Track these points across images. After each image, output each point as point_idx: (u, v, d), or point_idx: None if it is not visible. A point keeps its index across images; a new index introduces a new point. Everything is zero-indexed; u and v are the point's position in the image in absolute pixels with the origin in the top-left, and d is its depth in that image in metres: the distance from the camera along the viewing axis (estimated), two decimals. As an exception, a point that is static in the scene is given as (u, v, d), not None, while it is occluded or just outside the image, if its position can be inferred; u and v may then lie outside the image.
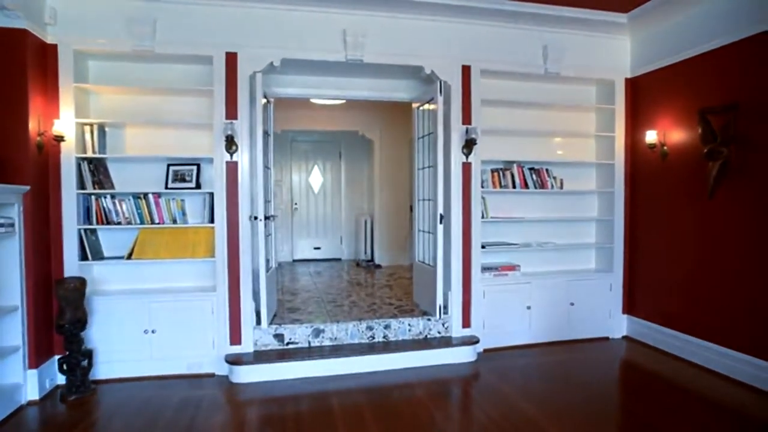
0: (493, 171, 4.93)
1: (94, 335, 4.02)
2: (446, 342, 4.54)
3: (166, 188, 4.31)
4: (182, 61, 4.29)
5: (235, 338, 4.24)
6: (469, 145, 4.58)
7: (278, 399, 3.74)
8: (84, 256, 4.08)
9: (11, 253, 3.55)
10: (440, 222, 4.54)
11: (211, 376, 4.17)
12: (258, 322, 4.27)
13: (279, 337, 4.34)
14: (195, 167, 4.38)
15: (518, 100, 4.94)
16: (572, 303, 5.00)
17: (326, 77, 4.84)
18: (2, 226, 3.43)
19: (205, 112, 4.26)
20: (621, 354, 4.78)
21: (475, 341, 4.57)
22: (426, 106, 4.93)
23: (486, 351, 4.70)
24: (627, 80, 5.05)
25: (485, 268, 4.81)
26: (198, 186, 4.36)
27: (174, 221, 4.30)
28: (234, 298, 4.25)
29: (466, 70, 4.62)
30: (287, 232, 9.18)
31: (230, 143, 4.12)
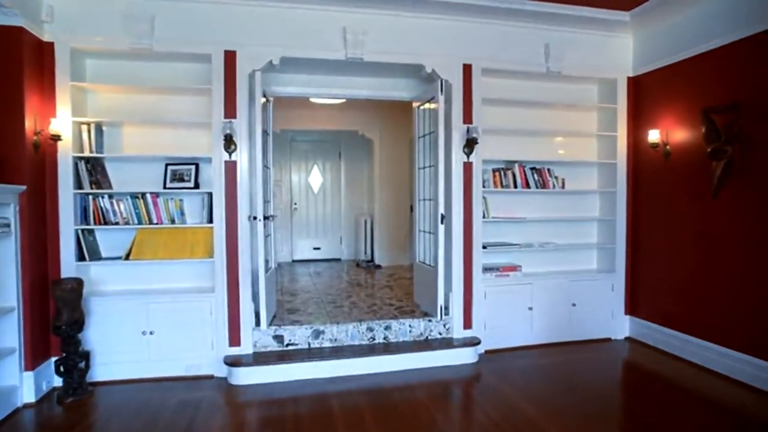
0: (495, 171, 4.90)
1: (92, 337, 3.99)
2: (447, 343, 4.51)
3: (165, 188, 4.28)
4: (181, 60, 4.26)
5: (234, 340, 4.21)
6: (470, 145, 4.54)
7: (278, 401, 3.71)
8: (81, 257, 4.05)
9: (7, 254, 3.53)
10: (441, 222, 4.51)
11: (210, 378, 4.14)
12: (257, 324, 4.24)
13: (278, 339, 4.30)
14: (193, 167, 4.35)
15: (520, 99, 4.91)
16: (574, 304, 4.96)
17: (326, 76, 4.80)
18: (-2, 227, 3.40)
19: (204, 111, 4.23)
20: (623, 355, 4.75)
21: (477, 342, 4.54)
22: (426, 105, 4.89)
23: (487, 352, 4.67)
24: (629, 79, 5.01)
25: (486, 269, 4.78)
26: (196, 186, 4.33)
27: (172, 221, 4.27)
28: (233, 299, 4.22)
29: (467, 69, 4.58)
30: (287, 233, 9.14)
31: (229, 142, 4.09)
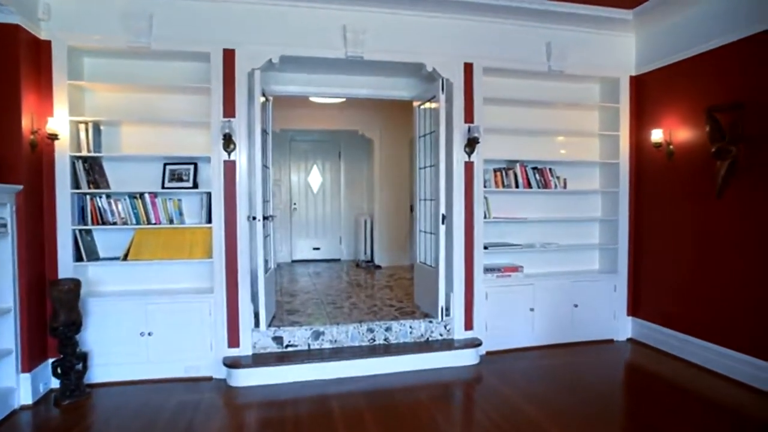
0: (496, 170, 4.86)
1: (89, 338, 3.96)
2: (448, 345, 4.47)
3: (163, 188, 4.24)
4: (179, 58, 4.23)
5: (233, 341, 4.17)
6: (472, 144, 4.51)
7: (277, 403, 3.68)
8: (79, 257, 4.02)
9: (4, 254, 3.50)
10: (442, 222, 4.47)
11: (209, 380, 4.11)
12: (256, 325, 4.21)
13: (278, 340, 4.27)
14: (192, 166, 4.31)
15: (521, 99, 4.88)
16: (576, 305, 4.93)
17: (326, 75, 4.76)
18: (-6, 227, 3.37)
19: (203, 110, 4.19)
20: (625, 356, 4.72)
21: (478, 344, 4.50)
22: (427, 105, 4.86)
23: (488, 353, 4.63)
24: (632, 78, 4.98)
25: (488, 269, 4.75)
26: (195, 185, 4.30)
27: (171, 221, 4.24)
28: (232, 300, 4.18)
29: (469, 68, 4.55)
30: (286, 233, 9.10)
31: (228, 142, 4.06)
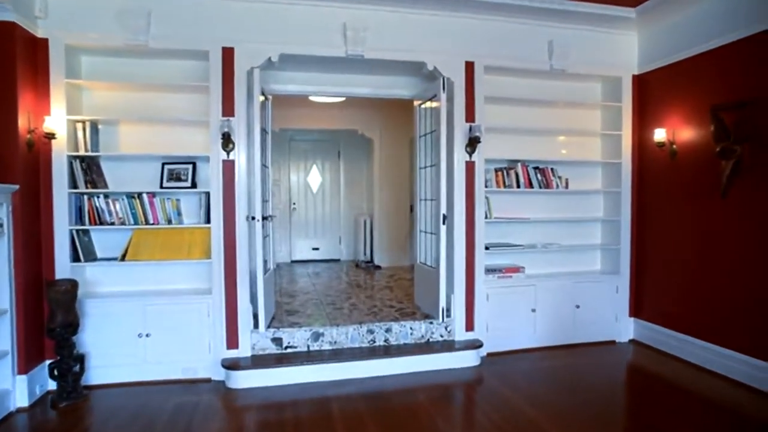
0: (497, 170, 4.82)
1: (87, 339, 3.92)
2: (449, 346, 4.43)
3: (161, 187, 4.20)
4: (177, 57, 4.19)
5: (232, 342, 4.14)
6: (473, 144, 4.47)
7: (276, 405, 3.65)
8: (76, 258, 3.98)
9: (0, 254, 3.45)
10: (443, 222, 4.43)
11: (208, 382, 4.07)
12: (255, 326, 4.17)
13: (277, 341, 4.23)
14: (190, 166, 4.27)
15: (523, 98, 4.84)
16: (578, 306, 4.89)
17: (326, 74, 4.72)
18: (-10, 227, 3.33)
19: (202, 109, 4.15)
20: (627, 358, 4.69)
21: (479, 345, 4.46)
22: (428, 104, 4.82)
23: (489, 355, 4.59)
24: (634, 77, 4.94)
25: (489, 270, 4.71)
26: (194, 185, 4.26)
27: (169, 221, 4.20)
28: (231, 301, 4.14)
29: (470, 67, 4.51)
30: (285, 233, 9.07)
31: (227, 141, 4.03)
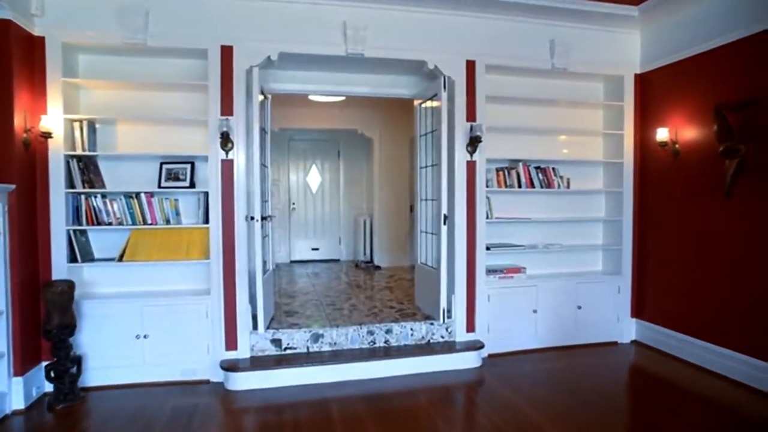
0: (498, 170, 4.79)
1: (84, 340, 3.88)
2: (450, 347, 4.40)
3: (159, 187, 4.17)
4: (176, 55, 4.16)
5: (231, 343, 4.10)
6: (474, 143, 4.44)
7: (276, 407, 3.62)
8: (73, 258, 3.94)
9: (-5, 255, 3.42)
10: (444, 223, 4.40)
11: (206, 383, 4.03)
12: (254, 327, 4.13)
13: (276, 343, 4.19)
14: (189, 165, 4.24)
15: (524, 97, 4.80)
16: (579, 306, 4.86)
17: (325, 72, 4.68)
18: (-15, 227, 3.29)
19: (200, 108, 4.12)
20: (629, 359, 4.66)
21: (480, 346, 4.42)
22: (428, 103, 4.78)
23: (491, 356, 4.56)
24: (636, 76, 4.90)
25: (490, 271, 4.67)
26: (192, 185, 4.22)
27: (167, 221, 4.16)
28: (230, 302, 4.11)
29: (471, 65, 4.48)
30: (285, 233, 9.03)
31: (226, 140, 3.99)
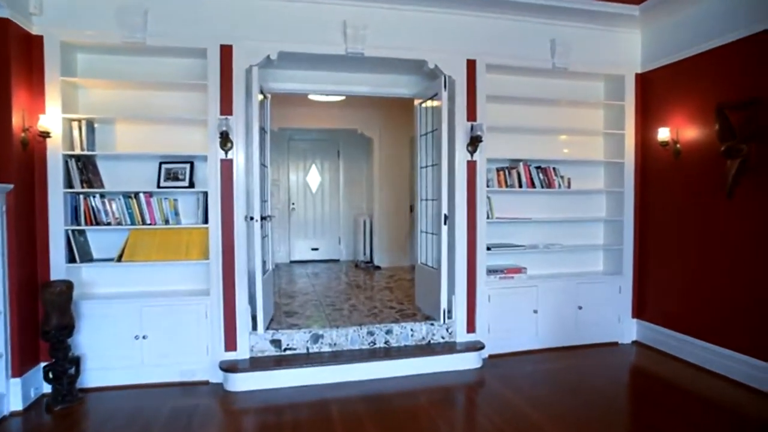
0: (499, 170, 4.77)
1: (82, 341, 3.86)
2: (450, 348, 4.38)
3: (158, 187, 4.15)
4: (175, 54, 4.14)
5: (230, 344, 4.08)
6: (474, 143, 4.42)
7: (275, 408, 3.59)
8: (72, 258, 3.92)
9: (-7, 255, 3.39)
10: (444, 223, 4.37)
11: (205, 384, 4.01)
12: (254, 327, 4.11)
13: (276, 343, 4.17)
14: (188, 165, 4.21)
15: (525, 96, 4.78)
16: (580, 307, 4.84)
17: (325, 72, 4.67)
18: (-17, 227, 3.27)
19: (199, 108, 4.10)
20: (630, 359, 4.63)
21: (480, 347, 4.40)
22: (428, 103, 4.76)
23: (491, 357, 4.54)
24: (637, 75, 4.88)
25: (490, 271, 4.65)
26: (191, 185, 4.20)
27: (166, 222, 4.14)
28: (229, 302, 4.09)
29: (471, 65, 4.46)
30: (284, 233, 9.01)
31: (225, 140, 3.97)
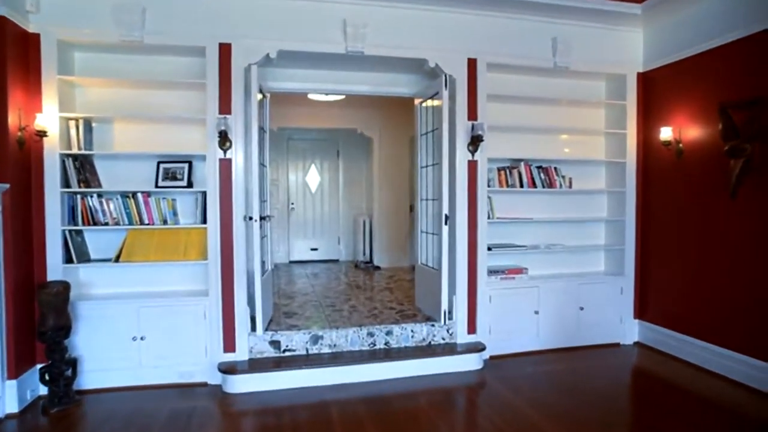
0: (500, 169, 4.73)
1: (79, 342, 3.82)
2: (451, 349, 4.35)
3: (156, 187, 4.11)
4: (173, 53, 4.10)
5: (229, 345, 4.05)
6: (475, 142, 4.38)
7: (274, 410, 3.56)
8: (69, 259, 3.88)
9: (-11, 256, 3.35)
10: (445, 223, 4.34)
11: (204, 386, 3.98)
12: (253, 329, 4.08)
13: (275, 344, 4.14)
14: (186, 165, 4.18)
15: (526, 96, 4.75)
16: (581, 307, 4.81)
17: (325, 71, 4.63)
18: (-22, 227, 3.23)
19: (198, 107, 4.06)
20: (632, 361, 4.60)
21: (481, 348, 4.37)
22: (429, 102, 4.73)
23: (492, 358, 4.50)
24: (639, 74, 4.85)
25: (491, 271, 4.62)
26: (190, 185, 4.16)
27: (164, 222, 4.10)
28: (228, 303, 4.06)
29: (472, 64, 4.43)
30: (284, 233, 8.98)
31: (224, 139, 3.94)
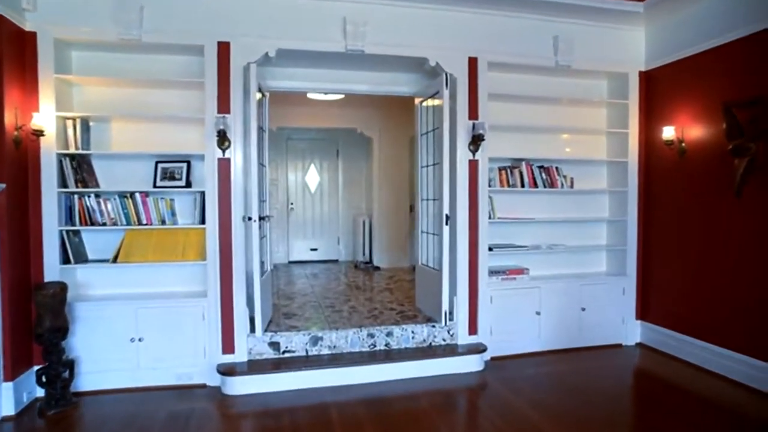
0: (501, 169, 4.70)
1: (77, 344, 3.79)
2: (452, 350, 4.31)
3: (154, 187, 4.08)
4: (171, 52, 4.07)
5: (228, 347, 4.02)
6: (476, 142, 4.35)
7: (274, 412, 3.54)
8: (66, 259, 3.85)
9: (-16, 257, 3.32)
10: (446, 223, 4.31)
11: (202, 388, 3.95)
12: (252, 330, 4.04)
13: (274, 346, 4.10)
14: (185, 164, 4.14)
15: (527, 95, 4.72)
16: (583, 308, 4.77)
17: (324, 70, 4.60)
18: (-26, 228, 3.20)
19: (196, 106, 4.03)
20: (634, 362, 4.57)
21: (482, 349, 4.34)
22: (429, 101, 4.69)
23: (493, 359, 4.47)
24: (641, 73, 4.82)
25: (492, 272, 4.59)
26: (188, 184, 4.13)
27: (162, 222, 4.07)
28: (226, 304, 4.02)
29: (473, 63, 4.40)
30: (283, 233, 8.95)
31: (222, 139, 3.90)
